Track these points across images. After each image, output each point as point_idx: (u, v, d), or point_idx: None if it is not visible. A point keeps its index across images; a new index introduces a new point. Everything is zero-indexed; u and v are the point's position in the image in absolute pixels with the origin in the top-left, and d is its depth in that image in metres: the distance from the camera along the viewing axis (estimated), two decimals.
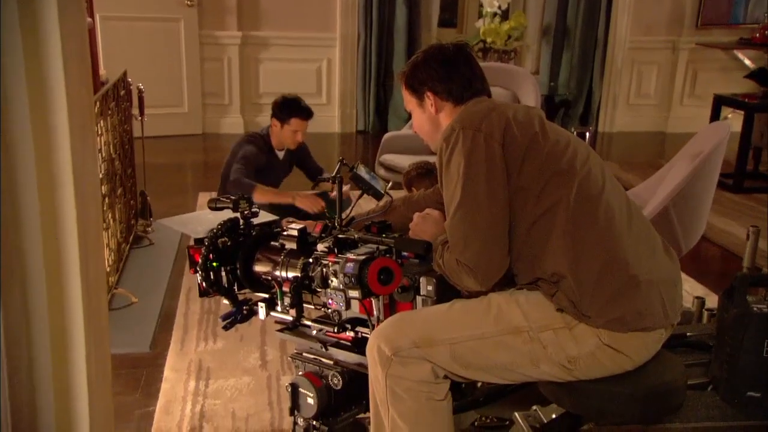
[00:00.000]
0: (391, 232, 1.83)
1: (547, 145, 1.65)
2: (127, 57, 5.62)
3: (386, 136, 4.52)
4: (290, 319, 1.85)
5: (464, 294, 1.72)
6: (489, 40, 6.30)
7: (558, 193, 1.60)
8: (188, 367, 2.68)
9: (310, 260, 1.76)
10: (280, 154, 3.77)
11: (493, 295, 1.67)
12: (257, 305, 1.87)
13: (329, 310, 1.76)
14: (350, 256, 1.67)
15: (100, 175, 2.90)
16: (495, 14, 6.37)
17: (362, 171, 1.97)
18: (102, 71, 3.80)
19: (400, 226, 1.93)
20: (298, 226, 1.83)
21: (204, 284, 1.84)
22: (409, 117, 5.22)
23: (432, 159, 3.58)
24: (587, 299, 1.55)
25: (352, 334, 1.80)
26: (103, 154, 2.97)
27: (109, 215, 3.06)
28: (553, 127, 1.73)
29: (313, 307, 1.85)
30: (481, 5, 6.51)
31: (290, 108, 3.60)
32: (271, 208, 3.46)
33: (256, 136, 3.74)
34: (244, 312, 1.87)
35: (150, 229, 3.91)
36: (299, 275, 1.76)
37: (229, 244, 1.84)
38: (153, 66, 5.99)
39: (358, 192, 2.52)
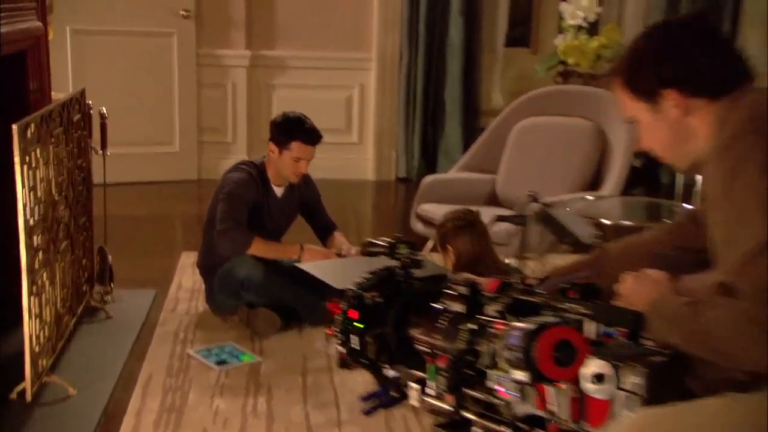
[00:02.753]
0: (600, 299, 1.73)
1: None
2: (103, 80, 5.67)
3: (426, 180, 4.44)
4: (449, 408, 1.77)
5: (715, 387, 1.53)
6: (571, 61, 6.16)
7: None
8: None
9: (476, 327, 1.70)
10: (279, 191, 3.72)
11: None
12: (408, 386, 1.83)
13: (499, 401, 1.66)
14: (518, 324, 1.60)
15: (33, 222, 2.79)
16: (579, 28, 6.23)
17: (558, 210, 1.87)
18: (56, 95, 3.76)
19: (610, 285, 1.78)
20: (470, 282, 1.79)
21: (344, 351, 1.86)
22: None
23: (474, 207, 3.44)
24: None
25: None
26: (38, 193, 2.87)
27: (44, 275, 2.94)
28: None
29: (478, 394, 1.75)
30: (561, 17, 6.40)
31: (291, 128, 3.58)
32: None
33: (248, 164, 3.72)
34: (394, 395, 1.88)
35: (109, 298, 3.81)
36: (463, 348, 1.69)
37: (380, 300, 1.84)
38: (136, 92, 6.03)
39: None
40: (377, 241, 1.95)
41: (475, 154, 4.62)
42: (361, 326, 1.84)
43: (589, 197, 3.80)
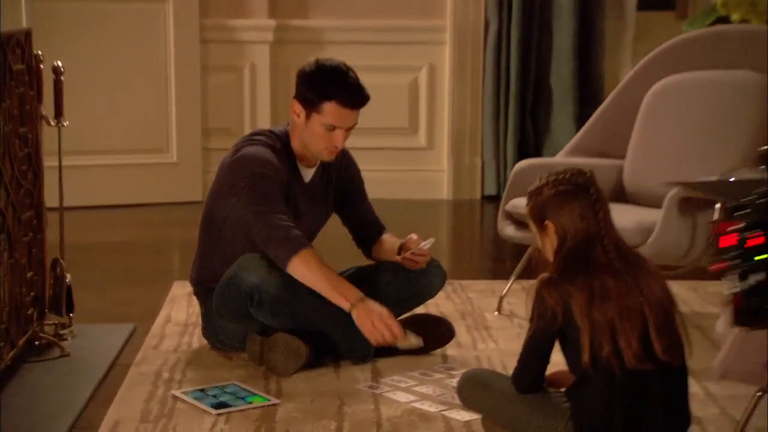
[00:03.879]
0: None
1: None
2: (70, 62, 5.64)
3: (520, 166, 4.38)
4: None
5: None
6: (736, 16, 6.05)
7: None
8: None
9: None
10: (307, 174, 3.66)
11: None
12: None
13: None
14: None
15: None
16: None
17: None
18: None
19: None
20: None
21: (739, 295, 1.92)
22: None
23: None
24: None
25: None
26: None
27: None
28: None
29: None
30: None
31: (326, 82, 3.53)
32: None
33: (266, 134, 3.65)
34: None
35: (67, 332, 3.83)
36: None
37: None
38: (117, 80, 6.11)
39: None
40: None
41: (590, 133, 4.46)
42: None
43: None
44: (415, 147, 6.59)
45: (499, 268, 5.00)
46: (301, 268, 3.39)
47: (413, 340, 3.43)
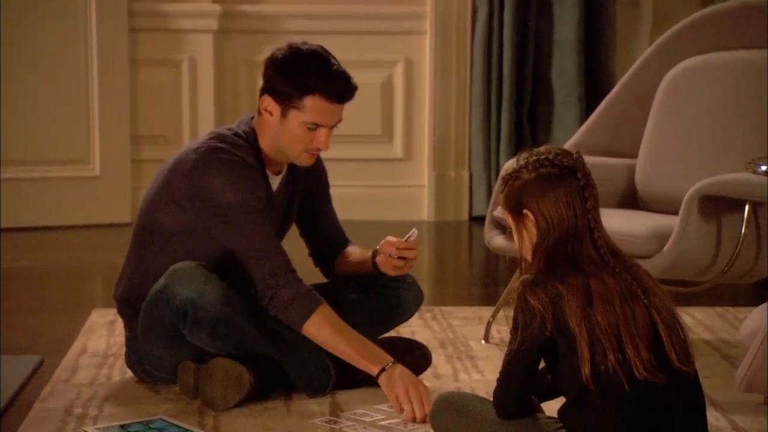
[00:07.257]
0: None
1: None
2: None
3: (508, 166, 4.32)
4: None
5: None
6: None
7: None
8: None
9: None
10: (275, 182, 3.68)
11: None
12: None
13: None
14: None
15: None
16: None
17: None
18: None
19: None
20: None
21: None
22: None
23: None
24: None
25: None
26: None
27: None
28: None
29: None
30: None
31: (306, 71, 3.51)
32: None
33: (229, 142, 3.59)
34: None
35: None
36: None
37: None
38: (29, 77, 6.13)
39: None
40: None
41: (596, 128, 4.46)
42: None
43: None
44: (390, 158, 6.63)
45: (490, 294, 5.01)
46: (319, 332, 3.41)
47: None
